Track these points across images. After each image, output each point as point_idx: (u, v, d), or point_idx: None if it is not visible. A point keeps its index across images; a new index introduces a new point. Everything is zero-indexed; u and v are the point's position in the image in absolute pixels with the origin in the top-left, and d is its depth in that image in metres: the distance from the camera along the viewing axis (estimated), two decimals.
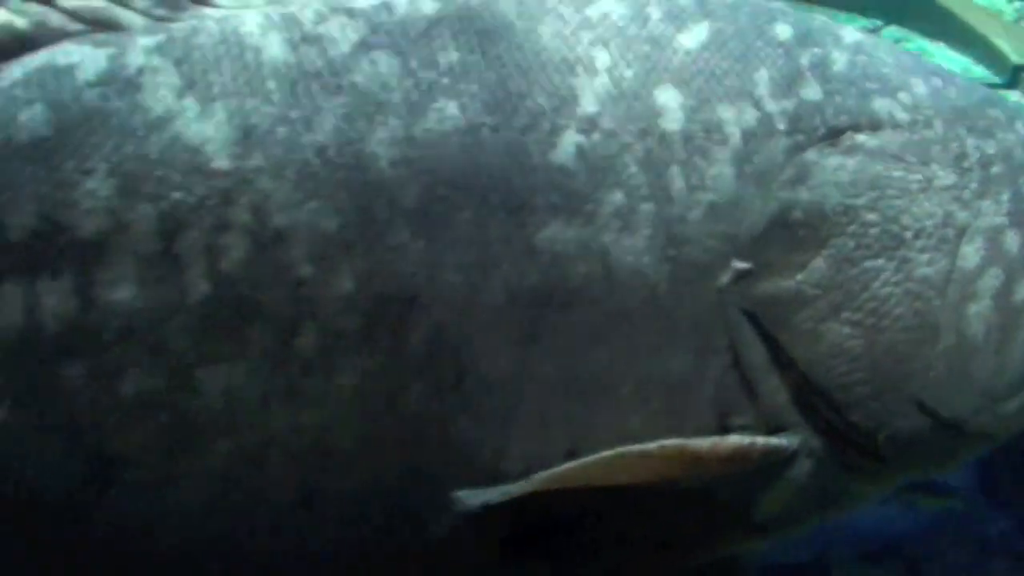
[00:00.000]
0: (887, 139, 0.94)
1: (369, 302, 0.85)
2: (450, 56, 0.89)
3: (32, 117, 0.86)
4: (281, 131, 0.85)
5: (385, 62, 0.88)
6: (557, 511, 0.90)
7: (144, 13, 0.90)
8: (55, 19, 0.90)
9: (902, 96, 0.97)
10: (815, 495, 0.97)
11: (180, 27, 0.88)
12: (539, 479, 0.86)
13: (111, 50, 0.87)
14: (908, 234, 0.93)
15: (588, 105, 0.88)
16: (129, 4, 0.90)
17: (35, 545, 0.88)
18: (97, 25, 0.89)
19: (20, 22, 0.89)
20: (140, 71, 0.86)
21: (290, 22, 0.89)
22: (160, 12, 0.90)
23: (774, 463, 0.92)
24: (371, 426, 0.87)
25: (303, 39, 0.88)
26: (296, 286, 0.85)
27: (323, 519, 0.88)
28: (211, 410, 0.85)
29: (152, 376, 0.84)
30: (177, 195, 0.84)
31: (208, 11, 0.90)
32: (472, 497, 0.87)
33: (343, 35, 0.88)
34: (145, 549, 0.87)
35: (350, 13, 0.89)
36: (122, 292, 0.84)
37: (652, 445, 0.88)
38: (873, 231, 0.92)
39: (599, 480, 0.87)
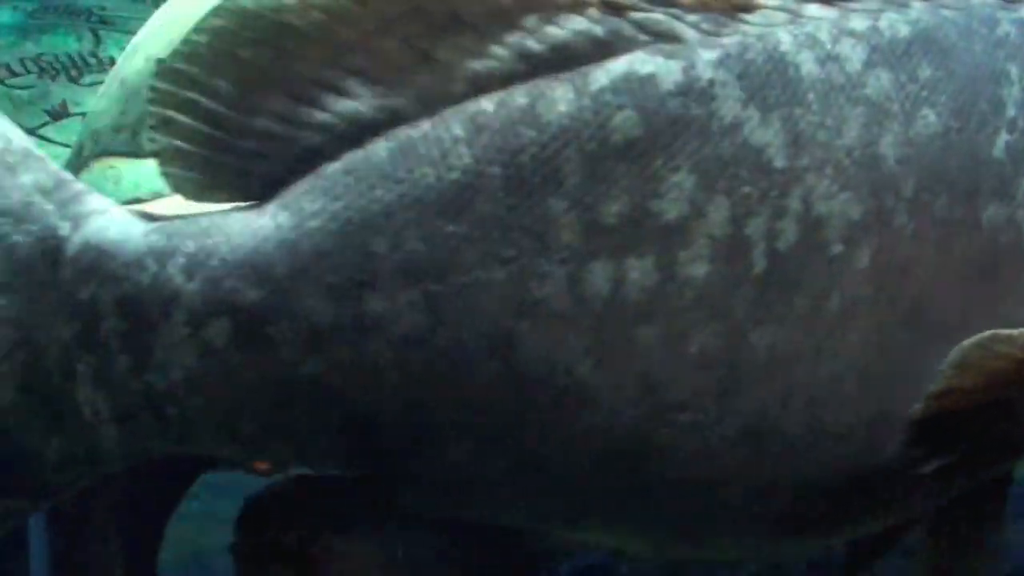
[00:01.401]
0: None
1: (878, 274, 1.04)
2: (925, 72, 1.07)
3: (624, 120, 0.99)
4: (820, 136, 1.02)
5: (885, 77, 1.05)
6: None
7: (695, 27, 1.02)
8: (627, 29, 1.01)
9: None
10: None
11: (730, 42, 1.02)
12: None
13: (682, 62, 1.01)
14: None
15: (1010, 109, 1.09)
16: (682, 19, 1.02)
17: (605, 488, 1.04)
18: (660, 37, 1.02)
19: (599, 31, 1.00)
20: (711, 83, 1.01)
21: (813, 41, 1.04)
22: (707, 27, 1.03)
23: None
24: (870, 373, 1.05)
25: (827, 57, 1.04)
26: (829, 262, 1.02)
27: (822, 451, 1.06)
28: (755, 364, 1.02)
29: (715, 337, 1.00)
30: (746, 189, 1.00)
31: (744, 27, 1.03)
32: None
33: (854, 53, 1.05)
34: (685, 478, 1.04)
35: (852, 34, 1.05)
36: (697, 268, 0.99)
37: None
38: None
39: None
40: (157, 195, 2.03)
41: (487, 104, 0.99)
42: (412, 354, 0.99)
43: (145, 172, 1.98)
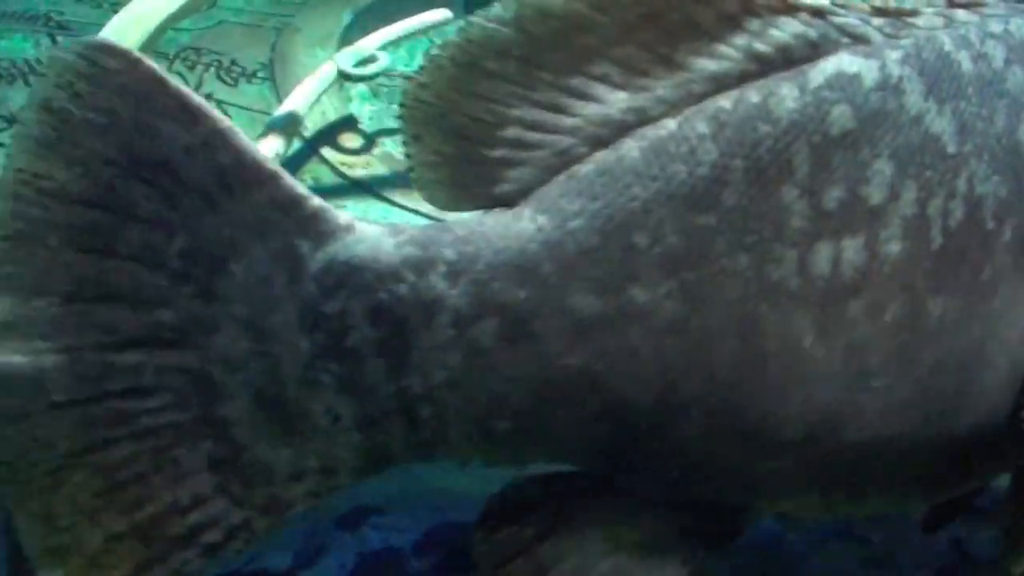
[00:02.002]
0: None
1: (1018, 246, 1.17)
2: None
3: (840, 114, 1.11)
4: (979, 125, 1.15)
5: (1020, 73, 1.19)
6: None
7: (879, 30, 1.15)
8: (832, 32, 1.13)
9: None
10: None
11: (907, 43, 1.15)
12: None
13: (877, 61, 1.13)
14: None
15: None
16: (869, 23, 1.15)
17: (808, 455, 1.14)
18: (856, 39, 1.14)
19: (812, 33, 1.13)
20: (900, 79, 1.13)
21: (966, 42, 1.17)
22: (888, 30, 1.16)
23: None
24: (1006, 338, 1.18)
25: (978, 55, 1.17)
26: (984, 237, 1.15)
27: (967, 411, 1.18)
28: (929, 331, 1.14)
29: (902, 307, 1.12)
30: (928, 173, 1.13)
31: (914, 30, 1.17)
32: None
33: (996, 52, 1.18)
34: (870, 440, 1.15)
35: (993, 35, 1.19)
36: (893, 246, 1.12)
37: None
38: None
39: None
40: None
41: (725, 102, 1.09)
42: (668, 340, 1.07)
43: None
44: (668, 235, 1.07)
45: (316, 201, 1.07)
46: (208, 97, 2.21)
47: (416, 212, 2.05)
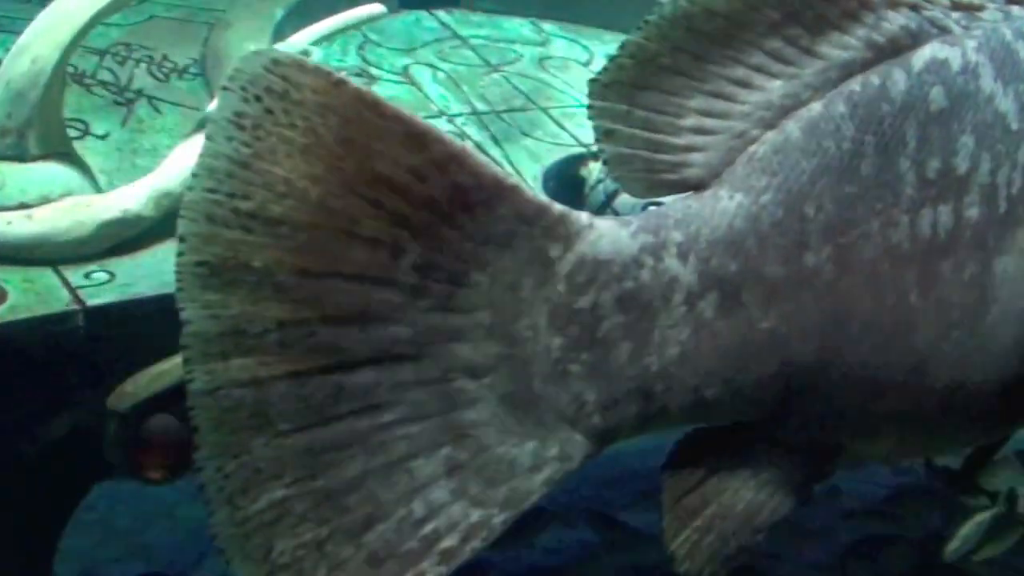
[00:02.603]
0: None
1: None
2: None
3: (937, 94, 1.26)
4: None
5: None
6: None
7: (957, 22, 1.30)
8: (925, 24, 1.28)
9: None
10: None
11: (979, 33, 1.30)
12: None
13: (960, 49, 1.28)
14: None
15: None
16: (949, 16, 1.30)
17: (906, 400, 1.28)
18: (941, 29, 1.29)
19: (912, 25, 1.28)
20: (976, 64, 1.28)
21: (1022, 33, 1.33)
22: (964, 23, 1.30)
23: None
24: None
25: None
26: None
27: (1009, 359, 1.31)
28: (994, 287, 1.28)
29: (976, 265, 1.27)
30: (999, 147, 1.28)
31: (982, 22, 1.32)
32: None
33: None
34: (946, 386, 1.29)
35: None
36: (972, 211, 1.26)
37: None
38: None
39: None
40: (44, 199, 2.00)
41: (855, 86, 1.24)
42: (826, 300, 1.22)
43: (32, 176, 1.95)
44: (826, 204, 1.21)
45: (558, 207, 1.16)
46: (139, 93, 2.20)
47: None
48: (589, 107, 1.20)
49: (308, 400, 1.08)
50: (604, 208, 2.08)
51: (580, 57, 2.54)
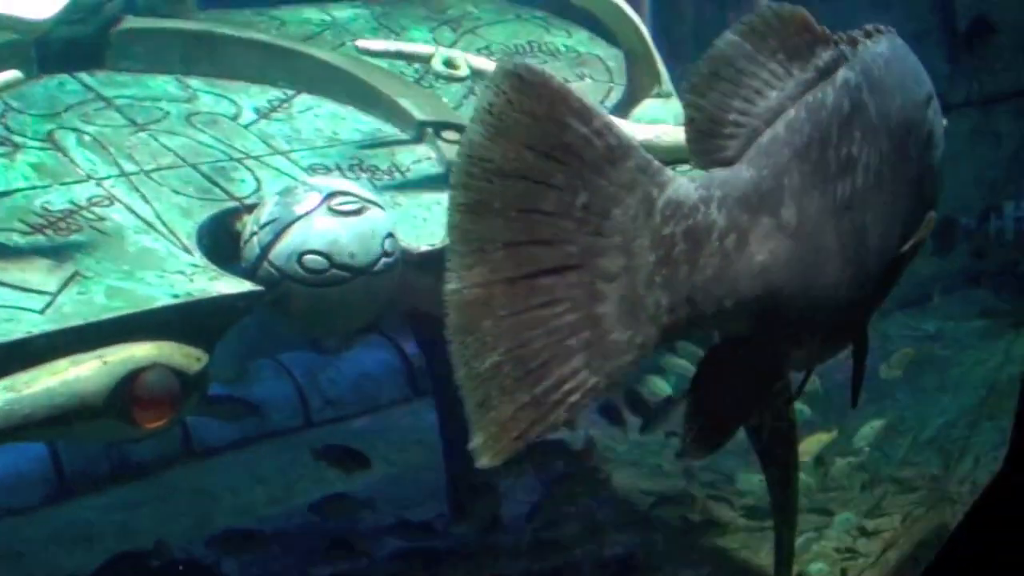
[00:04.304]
0: None
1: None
2: None
3: (845, 103, 1.88)
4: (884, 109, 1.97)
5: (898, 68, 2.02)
6: None
7: (851, 53, 1.92)
8: (839, 55, 1.90)
9: None
10: None
11: (857, 60, 1.92)
12: None
13: (853, 72, 1.91)
14: None
15: None
16: (848, 48, 1.92)
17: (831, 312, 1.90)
18: (845, 58, 1.91)
19: (836, 55, 1.90)
20: (859, 82, 1.92)
21: (880, 56, 1.98)
22: (850, 52, 1.94)
23: None
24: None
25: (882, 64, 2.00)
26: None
27: (875, 278, 1.97)
28: (868, 234, 1.92)
29: (857, 220, 1.90)
30: (870, 136, 1.90)
31: (859, 51, 1.95)
32: None
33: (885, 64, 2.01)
34: (845, 300, 1.91)
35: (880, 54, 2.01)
36: (859, 181, 1.90)
37: None
38: None
39: None
40: None
41: (810, 97, 1.86)
42: (793, 242, 1.79)
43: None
44: (794, 176, 1.82)
45: (656, 162, 1.74)
46: None
47: None
48: (687, 107, 1.86)
49: (516, 295, 1.65)
50: (260, 260, 2.13)
51: (227, 111, 2.57)
